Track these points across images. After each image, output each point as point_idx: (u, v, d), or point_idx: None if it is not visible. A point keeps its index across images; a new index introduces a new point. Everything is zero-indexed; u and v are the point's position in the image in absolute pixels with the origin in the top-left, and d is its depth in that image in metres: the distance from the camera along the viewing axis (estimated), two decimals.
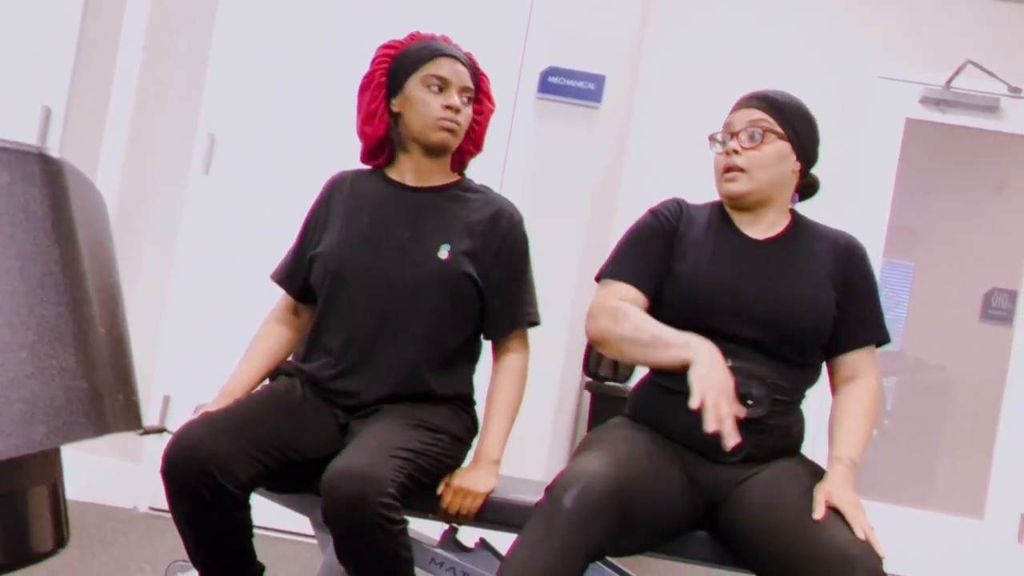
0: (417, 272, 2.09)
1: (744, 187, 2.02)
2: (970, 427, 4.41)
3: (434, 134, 2.13)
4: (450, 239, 2.13)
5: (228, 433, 1.88)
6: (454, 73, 2.13)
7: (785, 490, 1.84)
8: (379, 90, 2.17)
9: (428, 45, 2.16)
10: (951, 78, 4.25)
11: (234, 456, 1.86)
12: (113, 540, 3.12)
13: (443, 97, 2.12)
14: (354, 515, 1.78)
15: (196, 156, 3.60)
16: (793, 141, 2.04)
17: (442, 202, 2.18)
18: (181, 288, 3.59)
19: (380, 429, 1.96)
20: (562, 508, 1.68)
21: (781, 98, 2.05)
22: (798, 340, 1.97)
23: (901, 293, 4.51)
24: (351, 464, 1.82)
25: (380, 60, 2.18)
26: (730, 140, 2.04)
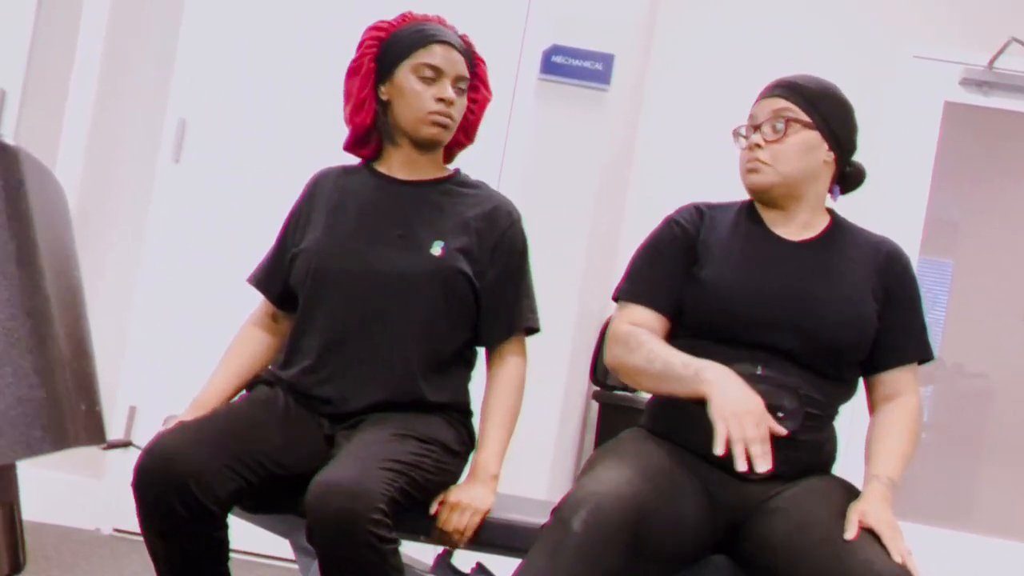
0: (408, 268, 2.10)
1: (767, 179, 2.03)
2: (1015, 439, 4.40)
3: (425, 128, 2.14)
4: (444, 235, 2.13)
5: (207, 444, 1.88)
6: (448, 61, 2.13)
7: (815, 510, 1.84)
8: (367, 77, 2.17)
9: (421, 29, 2.15)
10: (994, 58, 4.24)
11: (213, 469, 1.86)
12: (74, 564, 3.12)
13: (436, 88, 2.12)
14: (342, 533, 1.78)
15: (165, 143, 3.59)
16: (822, 129, 2.04)
17: (435, 197, 2.19)
18: (149, 287, 3.59)
19: (369, 440, 1.96)
20: (570, 533, 1.68)
21: (807, 83, 2.06)
22: (834, 353, 1.97)
23: (939, 294, 4.51)
24: (338, 477, 1.82)
25: (368, 44, 2.18)
26: (753, 133, 2.06)
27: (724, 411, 1.82)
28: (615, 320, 2.08)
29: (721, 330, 1.99)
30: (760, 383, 1.94)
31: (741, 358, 1.97)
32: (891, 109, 4.30)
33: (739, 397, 1.83)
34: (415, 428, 2.04)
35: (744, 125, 2.09)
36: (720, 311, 1.99)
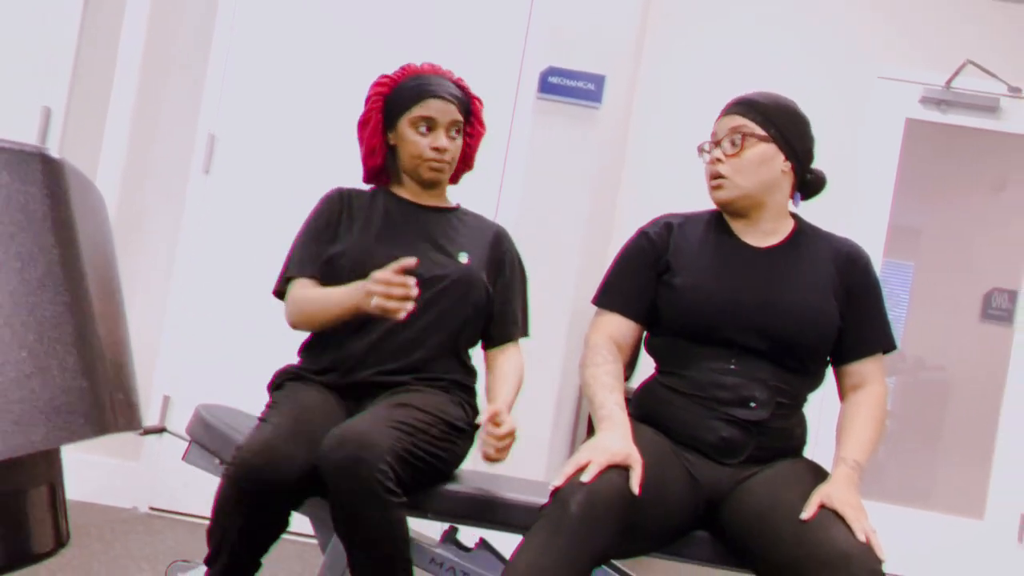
0: (442, 271, 2.19)
1: (729, 194, 2.03)
2: (970, 427, 4.41)
3: (423, 173, 2.26)
4: (465, 247, 2.25)
5: (305, 446, 1.88)
6: (441, 113, 2.22)
7: (786, 491, 1.84)
8: (376, 128, 2.28)
9: (418, 84, 2.24)
10: (951, 78, 4.25)
11: (303, 471, 1.86)
12: (113, 540, 3.12)
13: (431, 138, 2.23)
14: (350, 477, 1.79)
15: (196, 156, 3.60)
16: (778, 140, 2.03)
17: (450, 220, 2.31)
18: (181, 288, 3.59)
19: (380, 407, 1.98)
20: (568, 513, 1.69)
21: (762, 99, 2.05)
22: (800, 351, 1.98)
23: (901, 293, 4.51)
24: (349, 430, 1.84)
25: (374, 100, 2.27)
26: (715, 149, 2.06)
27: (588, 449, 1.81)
28: (591, 328, 2.10)
29: (695, 332, 2.00)
30: (733, 376, 1.96)
31: (715, 355, 1.98)
32: (858, 125, 4.30)
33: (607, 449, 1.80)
34: (423, 402, 2.05)
35: (707, 141, 2.09)
36: (694, 315, 1.99)
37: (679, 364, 2.02)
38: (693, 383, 1.98)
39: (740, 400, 1.94)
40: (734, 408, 1.95)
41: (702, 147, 2.09)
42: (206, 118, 3.59)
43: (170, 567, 2.16)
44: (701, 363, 1.99)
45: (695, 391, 1.98)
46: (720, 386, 1.96)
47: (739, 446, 1.95)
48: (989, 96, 4.27)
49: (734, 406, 1.95)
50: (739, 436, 1.95)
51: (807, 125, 2.07)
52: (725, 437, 1.94)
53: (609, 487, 1.73)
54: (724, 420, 1.95)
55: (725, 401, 1.95)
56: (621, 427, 1.88)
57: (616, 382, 1.99)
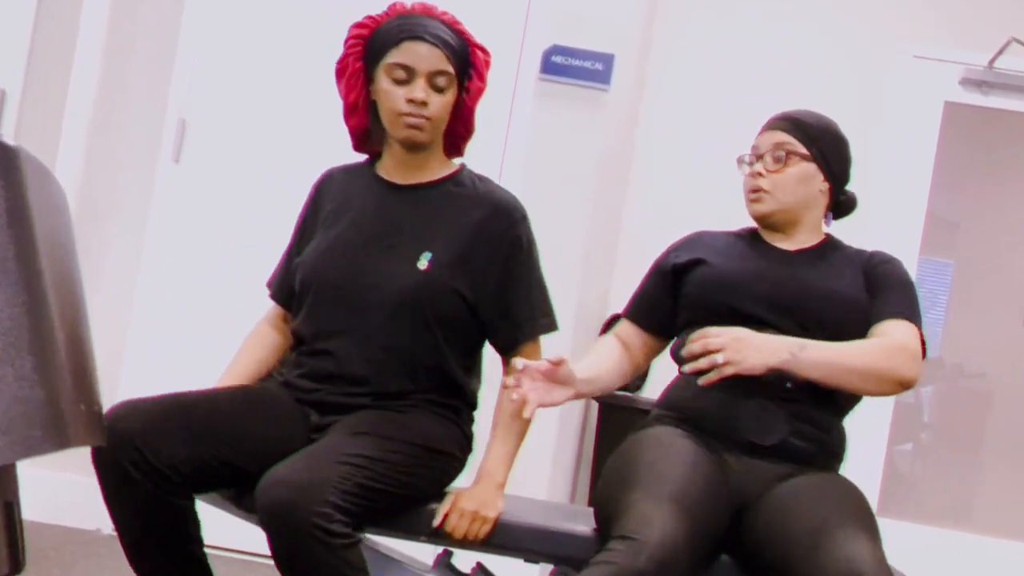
0: (391, 283, 2.09)
1: (768, 207, 2.20)
2: (1014, 440, 4.40)
3: (398, 130, 2.10)
4: (433, 245, 2.11)
5: (156, 409, 1.90)
6: (419, 58, 2.06)
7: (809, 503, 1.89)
8: (355, 78, 2.14)
9: (396, 25, 2.09)
10: (994, 57, 4.24)
11: (161, 430, 1.87)
12: (73, 563, 3.11)
13: (407, 88, 2.07)
14: (284, 525, 1.79)
15: (165, 143, 3.59)
16: (819, 161, 2.21)
17: (430, 201, 2.16)
18: (149, 288, 3.59)
19: (331, 438, 1.95)
20: (638, 567, 1.71)
21: (807, 118, 2.23)
22: (835, 328, 2.08)
23: (939, 294, 4.51)
24: (285, 471, 1.83)
25: (351, 44, 2.13)
26: (756, 162, 2.22)
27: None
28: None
29: (728, 313, 2.10)
30: None
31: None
32: (891, 109, 4.30)
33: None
34: (388, 427, 2.01)
35: (747, 154, 2.25)
36: (727, 295, 2.13)
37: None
38: None
39: (777, 380, 2.02)
40: (770, 389, 2.03)
41: (741, 159, 2.26)
42: (176, 102, 3.59)
43: None
44: None
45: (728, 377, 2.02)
46: None
47: (775, 424, 2.03)
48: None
49: (770, 384, 2.03)
50: (775, 413, 2.03)
51: (847, 147, 2.27)
52: (761, 416, 2.03)
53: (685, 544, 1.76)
54: (761, 398, 2.04)
55: (761, 380, 2.01)
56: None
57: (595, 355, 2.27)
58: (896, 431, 4.17)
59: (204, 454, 1.92)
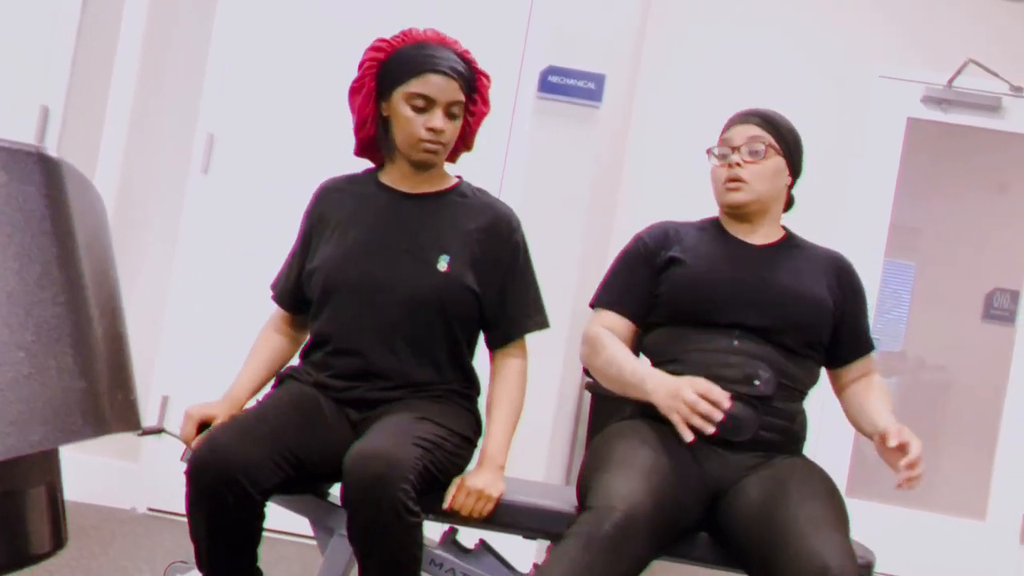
0: (416, 283, 2.08)
1: (746, 197, 2.13)
2: (972, 427, 4.41)
3: (416, 154, 2.10)
4: (449, 249, 2.11)
5: (260, 441, 1.88)
6: (440, 91, 2.06)
7: (781, 493, 1.87)
8: (368, 96, 2.13)
9: (417, 55, 2.08)
10: (953, 77, 4.25)
11: (262, 465, 1.86)
12: (111, 541, 3.12)
13: (427, 117, 2.07)
14: (374, 496, 1.77)
15: (195, 156, 3.60)
16: (787, 157, 2.17)
17: (438, 209, 2.16)
18: (181, 288, 3.59)
19: (397, 419, 1.96)
20: (602, 533, 1.72)
21: (776, 116, 2.19)
22: (799, 328, 2.06)
23: (902, 293, 4.51)
24: (375, 446, 1.82)
25: (368, 65, 2.12)
26: (731, 154, 2.15)
27: (670, 400, 1.94)
28: (589, 323, 2.18)
29: (698, 314, 2.07)
30: (737, 355, 2.02)
31: (719, 336, 2.05)
32: (859, 124, 4.30)
33: (679, 386, 1.94)
34: (435, 415, 2.04)
35: (718, 146, 2.18)
36: (697, 295, 2.08)
37: (682, 350, 2.07)
38: (698, 365, 2.03)
39: (745, 378, 2.00)
40: (739, 385, 2.00)
41: (712, 151, 2.19)
42: (205, 117, 3.59)
43: (168, 568, 2.16)
44: (704, 345, 2.04)
45: (700, 372, 2.02)
46: (725, 364, 2.01)
47: (746, 423, 1.99)
48: (991, 95, 4.27)
49: (739, 384, 2.00)
50: (746, 413, 1.99)
51: (803, 148, 2.25)
52: (733, 414, 1.98)
53: (644, 507, 1.76)
54: (731, 397, 1.99)
55: (731, 379, 2.00)
56: (659, 374, 2.00)
57: (629, 354, 2.09)
58: None
59: (290, 473, 1.92)
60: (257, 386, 2.19)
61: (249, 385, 2.18)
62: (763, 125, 2.15)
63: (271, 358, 2.23)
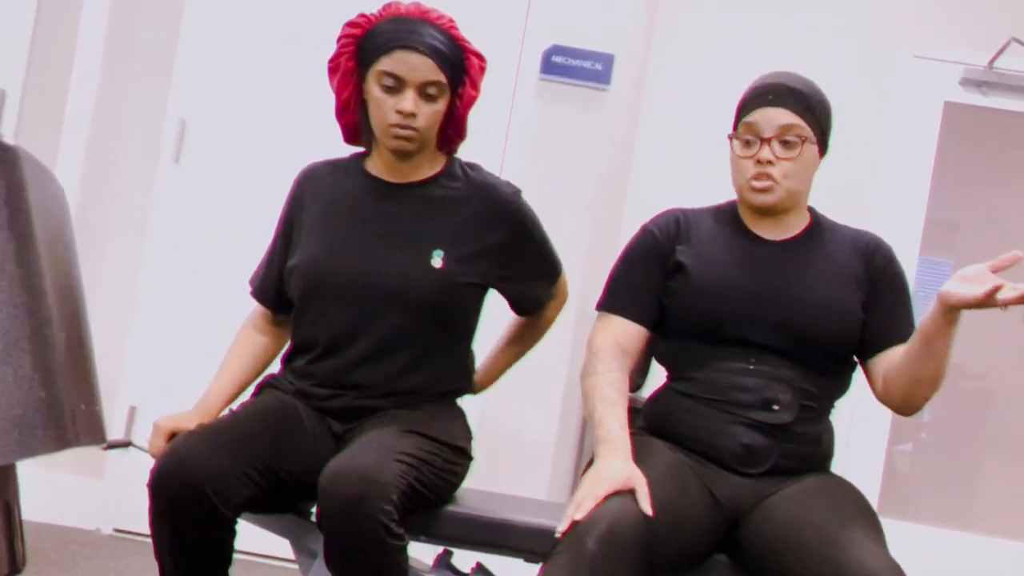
0: (408, 285, 2.07)
1: (777, 198, 2.02)
2: (1015, 440, 4.40)
3: (388, 140, 2.07)
4: (443, 243, 2.10)
5: (226, 451, 1.88)
6: (410, 69, 2.02)
7: (812, 508, 1.85)
8: (347, 76, 2.11)
9: (390, 31, 2.04)
10: (994, 57, 4.24)
11: (230, 476, 1.86)
12: (74, 564, 3.11)
13: (396, 98, 2.04)
14: (351, 517, 1.77)
15: (165, 144, 3.59)
16: (820, 140, 2.05)
17: (428, 198, 2.14)
18: (149, 288, 3.59)
19: (381, 434, 1.95)
20: (586, 551, 1.69)
21: (807, 91, 2.03)
22: (822, 345, 1.99)
23: None
24: (353, 463, 1.81)
25: (343, 43, 2.10)
26: (760, 147, 2.00)
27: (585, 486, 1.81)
28: (594, 332, 2.09)
29: (710, 331, 2.01)
30: (754, 377, 1.97)
31: (733, 355, 1.99)
32: (891, 109, 4.30)
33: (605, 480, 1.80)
34: (424, 427, 2.03)
35: (743, 132, 2.03)
36: (708, 313, 2.01)
37: (693, 367, 2.02)
38: (710, 386, 1.99)
39: (762, 402, 1.95)
40: (756, 411, 1.95)
41: (736, 136, 2.05)
42: (176, 102, 3.59)
43: None
44: (718, 364, 1.99)
45: (713, 395, 1.98)
46: (740, 388, 1.97)
47: (763, 454, 1.95)
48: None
49: (756, 409, 1.95)
50: (763, 442, 1.95)
51: (832, 112, 2.10)
52: (747, 444, 1.94)
53: (630, 522, 1.73)
54: (745, 425, 1.95)
55: (746, 404, 1.96)
56: (621, 448, 1.88)
57: (618, 395, 1.98)
58: (896, 431, 4.17)
59: (258, 490, 1.92)
60: (233, 393, 2.19)
61: (224, 392, 2.17)
62: (797, 109, 2.00)
63: (249, 361, 2.23)
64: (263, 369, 2.24)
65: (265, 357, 2.25)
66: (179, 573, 1.92)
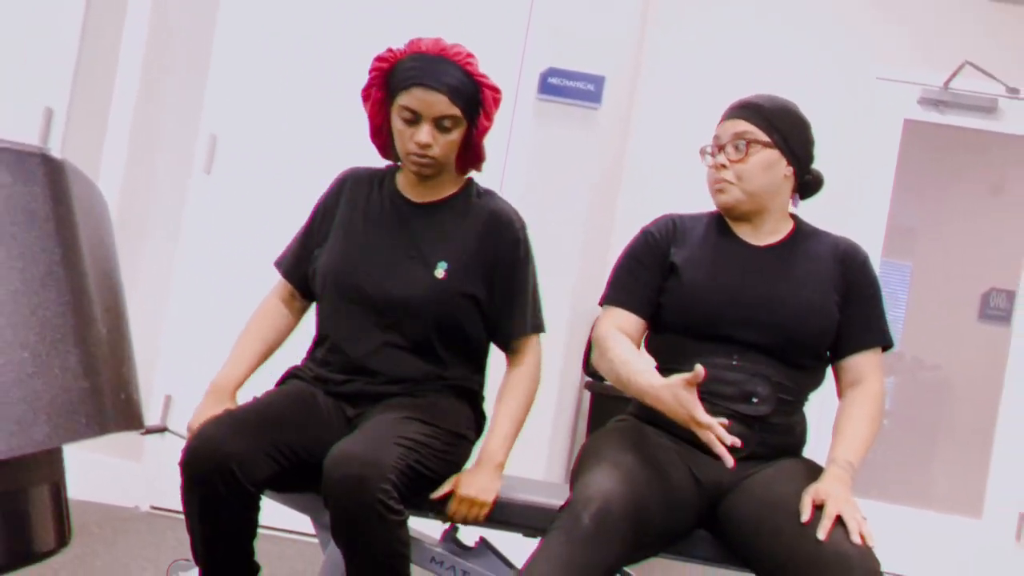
0: (412, 294, 2.09)
1: (733, 198, 2.04)
2: (968, 426, 4.40)
3: (409, 165, 2.10)
4: (448, 255, 2.12)
5: (250, 432, 1.89)
6: (425, 105, 2.03)
7: (785, 491, 1.84)
8: (377, 105, 2.13)
9: (409, 67, 2.05)
10: (949, 79, 4.24)
11: (254, 455, 1.88)
12: (115, 539, 3.11)
13: (414, 130, 2.06)
14: (352, 497, 1.78)
15: (198, 156, 3.59)
16: (781, 146, 2.04)
17: (442, 216, 2.16)
18: (183, 288, 3.59)
19: (383, 419, 1.97)
20: (581, 526, 1.70)
21: (766, 103, 2.05)
22: (801, 344, 1.99)
23: (899, 293, 4.51)
24: (353, 447, 1.83)
25: (373, 76, 2.12)
26: (719, 153, 2.05)
27: (681, 417, 1.82)
28: (598, 323, 2.10)
29: (698, 329, 2.01)
30: (735, 372, 1.97)
31: (717, 352, 1.99)
32: (856, 125, 4.30)
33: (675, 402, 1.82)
34: (427, 412, 2.04)
35: (710, 145, 2.08)
36: (696, 313, 2.01)
37: (681, 361, 2.03)
38: None
39: (743, 395, 1.95)
40: (736, 403, 1.95)
41: (704, 150, 2.09)
42: (207, 118, 3.59)
43: (171, 566, 2.16)
44: (703, 360, 1.99)
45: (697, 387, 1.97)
46: (723, 381, 1.97)
47: (742, 442, 1.95)
48: (987, 97, 4.27)
49: (736, 401, 1.95)
50: (742, 432, 1.95)
51: (808, 128, 2.08)
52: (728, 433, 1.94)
53: (621, 500, 1.74)
54: (727, 415, 1.95)
55: (728, 396, 1.96)
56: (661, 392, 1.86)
57: (634, 356, 1.97)
58: None
59: (280, 468, 1.93)
60: (248, 371, 2.18)
61: (239, 371, 2.16)
62: (750, 118, 2.03)
63: (269, 334, 2.22)
64: (277, 345, 2.23)
65: (282, 333, 2.24)
66: (208, 544, 1.93)
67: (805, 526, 1.73)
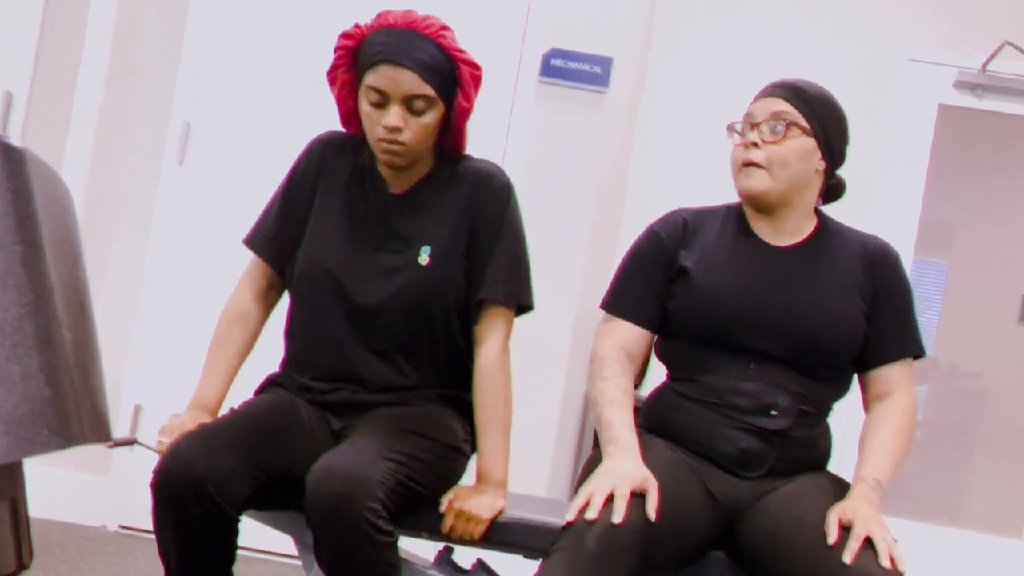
0: (397, 285, 2.07)
1: (762, 185, 1.99)
2: (1008, 438, 4.40)
3: (378, 154, 2.04)
4: (431, 238, 2.09)
5: (227, 449, 1.87)
6: (392, 84, 1.96)
7: (808, 507, 1.85)
8: (346, 88, 2.08)
9: (376, 43, 1.98)
10: (987, 61, 4.24)
11: (232, 474, 1.85)
12: (80, 560, 3.11)
13: (381, 112, 1.99)
14: (337, 516, 1.77)
15: (170, 146, 3.59)
16: (819, 137, 2.01)
17: (421, 198, 2.13)
18: (154, 288, 3.59)
19: (371, 431, 1.95)
20: (585, 548, 1.70)
21: (810, 89, 2.03)
22: (824, 355, 1.98)
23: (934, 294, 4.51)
24: (338, 462, 1.81)
25: (339, 55, 2.06)
26: (750, 131, 2.01)
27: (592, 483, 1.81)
28: (599, 336, 2.08)
29: (711, 336, 2.00)
30: (753, 382, 1.96)
31: (733, 361, 1.99)
32: (886, 111, 4.30)
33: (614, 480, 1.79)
34: (419, 424, 2.03)
35: (739, 121, 2.04)
36: (709, 319, 2.00)
37: (694, 370, 2.02)
38: (709, 390, 1.98)
39: (761, 408, 1.94)
40: (754, 417, 1.95)
41: (733, 127, 2.05)
42: (180, 105, 3.59)
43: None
44: (718, 368, 1.99)
45: (711, 398, 1.98)
46: (739, 393, 1.96)
47: (760, 458, 1.95)
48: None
49: (754, 414, 1.95)
50: (760, 447, 1.95)
51: (847, 125, 2.08)
52: (744, 448, 1.94)
53: (629, 523, 1.73)
54: (743, 430, 1.95)
55: (744, 409, 1.95)
56: (630, 449, 1.89)
57: (625, 398, 1.98)
58: None
59: (260, 486, 1.91)
60: (227, 385, 2.16)
61: (217, 385, 2.14)
62: (791, 98, 1.99)
63: (238, 349, 2.18)
64: (247, 353, 2.20)
65: (249, 344, 2.20)
66: (182, 570, 1.92)
67: (831, 548, 1.73)
